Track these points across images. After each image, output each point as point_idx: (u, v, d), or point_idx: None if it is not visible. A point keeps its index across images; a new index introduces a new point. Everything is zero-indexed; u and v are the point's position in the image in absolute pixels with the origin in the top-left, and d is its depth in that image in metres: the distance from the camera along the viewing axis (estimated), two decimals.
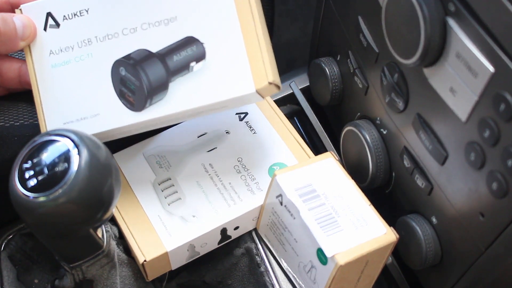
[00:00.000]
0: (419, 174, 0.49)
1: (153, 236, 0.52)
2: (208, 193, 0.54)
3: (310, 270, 0.50)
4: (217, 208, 0.54)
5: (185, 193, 0.54)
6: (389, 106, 0.51)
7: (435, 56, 0.42)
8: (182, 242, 0.52)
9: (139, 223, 0.53)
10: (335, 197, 0.50)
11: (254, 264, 0.56)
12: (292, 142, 0.58)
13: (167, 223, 0.53)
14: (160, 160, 0.56)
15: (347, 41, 0.57)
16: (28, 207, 0.39)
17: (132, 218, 0.53)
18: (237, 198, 0.54)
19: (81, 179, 0.39)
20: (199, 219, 0.53)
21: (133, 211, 0.54)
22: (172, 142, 0.58)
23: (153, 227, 0.53)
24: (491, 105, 0.38)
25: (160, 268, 0.53)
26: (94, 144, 0.41)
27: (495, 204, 0.41)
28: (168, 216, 0.53)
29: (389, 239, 0.48)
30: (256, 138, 0.58)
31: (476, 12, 0.38)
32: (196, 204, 0.54)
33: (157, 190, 0.55)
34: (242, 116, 0.59)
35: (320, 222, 0.48)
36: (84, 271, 0.47)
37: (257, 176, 0.55)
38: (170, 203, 0.54)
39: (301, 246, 0.51)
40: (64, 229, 0.42)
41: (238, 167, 0.56)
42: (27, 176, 0.40)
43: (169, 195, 0.54)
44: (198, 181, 0.55)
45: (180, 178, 0.55)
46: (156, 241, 0.52)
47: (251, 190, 0.54)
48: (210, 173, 0.55)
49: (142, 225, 0.53)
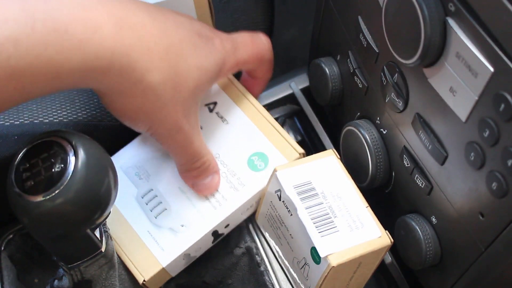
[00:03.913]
0: (419, 174, 0.49)
1: (147, 254, 0.52)
2: (192, 198, 0.54)
3: (304, 267, 0.50)
4: (203, 213, 0.53)
5: (170, 202, 0.54)
6: (389, 106, 0.51)
7: (435, 56, 0.42)
8: (176, 254, 0.52)
9: (130, 242, 0.53)
10: (333, 197, 0.50)
11: (254, 264, 0.56)
12: (267, 128, 0.56)
13: (157, 237, 0.53)
14: (139, 171, 0.55)
15: (347, 41, 0.57)
16: (25, 208, 0.39)
17: (122, 239, 0.53)
18: (222, 198, 0.53)
19: (77, 180, 0.39)
20: (188, 228, 0.53)
21: (123, 231, 0.53)
22: (146, 149, 0.56)
23: (144, 244, 0.52)
24: (491, 105, 0.38)
25: (161, 280, 0.54)
26: (91, 145, 0.41)
27: (495, 204, 0.41)
28: (157, 230, 0.53)
29: (384, 243, 0.48)
30: (229, 129, 0.56)
31: (476, 12, 0.38)
32: (182, 212, 0.53)
33: (141, 204, 0.54)
34: (211, 107, 0.57)
35: (316, 221, 0.48)
36: (83, 272, 0.47)
37: (237, 170, 0.54)
38: (156, 216, 0.53)
39: (296, 242, 0.51)
40: (61, 230, 0.42)
41: None
42: (24, 177, 0.40)
43: (154, 207, 0.54)
44: (180, 187, 0.54)
45: (162, 186, 0.54)
46: (151, 259, 0.52)
47: (234, 187, 0.54)
48: None
49: (134, 244, 0.53)
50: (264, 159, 0.54)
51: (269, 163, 0.54)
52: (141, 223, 0.53)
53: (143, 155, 0.56)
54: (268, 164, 0.54)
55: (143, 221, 0.53)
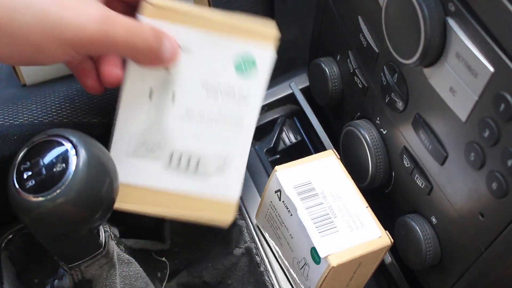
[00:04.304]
0: (418, 174, 0.49)
1: None
2: (211, 130, 0.52)
3: (304, 267, 0.50)
4: (231, 125, 0.52)
5: (198, 150, 0.52)
6: (389, 106, 0.51)
7: (435, 56, 0.42)
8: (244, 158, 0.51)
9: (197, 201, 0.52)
10: (333, 197, 0.50)
11: (254, 264, 0.56)
12: (227, 27, 0.52)
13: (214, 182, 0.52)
14: (147, 146, 0.52)
15: (347, 41, 0.57)
16: (26, 208, 0.39)
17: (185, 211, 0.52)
18: (235, 109, 0.52)
19: (79, 180, 0.39)
20: (230, 155, 0.52)
21: (180, 204, 0.52)
22: (134, 122, 0.53)
23: (210, 195, 0.52)
24: (491, 105, 0.38)
25: None
26: (92, 144, 0.41)
27: (495, 204, 0.41)
28: (207, 178, 0.52)
29: (383, 243, 0.48)
30: (198, 56, 0.52)
31: (476, 12, 0.38)
32: (215, 147, 0.52)
33: (175, 169, 0.52)
34: None
35: (316, 221, 0.49)
36: (83, 271, 0.47)
37: (230, 84, 0.52)
38: (195, 170, 0.52)
39: (296, 242, 0.51)
40: (62, 230, 0.42)
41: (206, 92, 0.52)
42: (25, 176, 0.40)
43: (188, 164, 0.52)
44: (194, 132, 0.52)
45: (179, 142, 0.52)
46: None
47: (236, 100, 0.52)
48: (194, 117, 0.52)
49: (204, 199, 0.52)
50: (249, 59, 0.52)
51: (255, 60, 0.52)
52: (191, 184, 0.52)
53: (136, 129, 0.52)
54: (256, 61, 0.52)
55: (191, 181, 0.52)
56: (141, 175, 0.51)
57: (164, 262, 0.60)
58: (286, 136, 0.70)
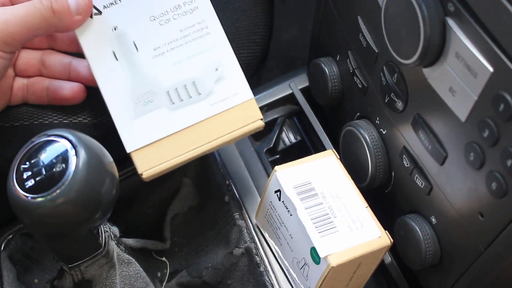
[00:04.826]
0: (418, 174, 0.49)
1: (232, 111, 0.52)
2: (182, 65, 0.52)
3: (303, 267, 0.50)
4: None
5: (187, 77, 0.52)
6: (389, 106, 0.51)
7: (435, 56, 0.42)
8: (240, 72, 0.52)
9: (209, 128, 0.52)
10: (332, 197, 0.50)
11: (254, 264, 0.56)
12: None
13: (220, 95, 0.52)
14: (145, 100, 0.52)
15: (346, 41, 0.57)
16: (26, 208, 0.39)
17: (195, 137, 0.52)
18: None
19: (78, 180, 0.39)
20: (222, 66, 0.53)
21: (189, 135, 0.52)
22: (119, 86, 0.52)
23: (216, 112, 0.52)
24: (490, 105, 0.38)
25: None
26: (92, 145, 0.41)
27: (495, 204, 0.41)
28: (217, 92, 0.52)
29: (383, 243, 0.48)
30: None
31: (476, 12, 0.38)
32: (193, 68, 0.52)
33: (177, 99, 0.52)
34: None
35: (316, 221, 0.49)
36: (83, 271, 0.47)
37: (168, 3, 0.52)
38: (195, 93, 0.52)
39: (296, 242, 0.51)
40: (62, 230, 0.42)
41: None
42: (25, 176, 0.40)
43: (185, 93, 0.53)
44: (176, 73, 0.52)
45: (166, 83, 0.52)
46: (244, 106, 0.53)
47: (188, 14, 0.52)
48: (164, 50, 0.52)
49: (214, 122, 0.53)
50: None
51: None
52: (204, 107, 0.52)
53: (124, 93, 0.52)
54: None
55: (202, 105, 0.52)
56: (156, 128, 0.51)
57: (164, 262, 0.60)
58: (286, 136, 0.70)
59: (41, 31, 0.49)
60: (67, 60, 0.55)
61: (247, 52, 0.68)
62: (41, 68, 0.55)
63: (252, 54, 0.68)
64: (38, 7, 0.48)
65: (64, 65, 0.55)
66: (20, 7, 0.48)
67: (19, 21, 0.48)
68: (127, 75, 0.51)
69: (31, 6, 0.48)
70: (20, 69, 0.55)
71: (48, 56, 0.55)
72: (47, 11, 0.48)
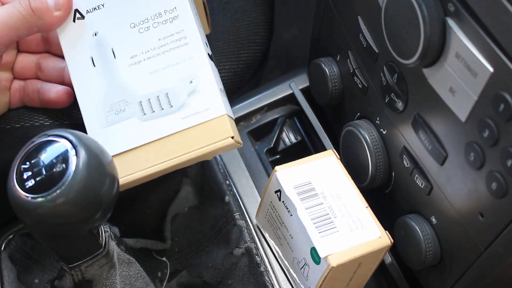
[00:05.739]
0: (418, 174, 0.49)
1: (207, 125, 0.50)
2: (163, 68, 0.51)
3: (303, 267, 0.50)
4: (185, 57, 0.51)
5: (161, 87, 0.51)
6: (389, 106, 0.51)
7: (435, 56, 0.42)
8: (218, 95, 0.51)
9: (183, 139, 0.51)
10: (333, 197, 0.50)
11: (254, 264, 0.56)
12: None
13: (192, 109, 0.51)
14: (117, 108, 0.51)
15: (347, 41, 0.57)
16: (26, 208, 0.39)
17: (174, 147, 0.51)
18: None
19: (79, 180, 0.39)
20: (196, 78, 0.51)
21: (165, 144, 0.51)
22: (93, 93, 0.52)
23: (197, 122, 0.51)
24: (490, 105, 0.38)
25: (234, 128, 0.52)
26: (92, 145, 0.41)
27: (495, 204, 0.41)
28: (185, 108, 0.51)
29: (383, 243, 0.48)
30: None
31: (476, 13, 0.38)
32: (171, 76, 0.51)
33: (149, 110, 0.51)
34: None
35: (316, 221, 0.49)
36: (83, 272, 0.47)
37: (149, 10, 0.52)
38: (172, 102, 0.51)
39: (296, 242, 0.51)
40: (62, 230, 0.42)
41: None
42: (25, 177, 0.40)
43: (158, 102, 0.51)
44: (152, 82, 0.51)
45: (143, 90, 0.51)
46: (214, 122, 0.50)
47: (168, 23, 0.51)
48: (141, 59, 0.52)
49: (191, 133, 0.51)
50: None
51: None
52: (175, 120, 0.51)
53: (97, 99, 0.52)
54: None
55: (173, 118, 0.51)
56: (125, 138, 0.51)
57: (165, 262, 0.60)
58: (286, 136, 0.70)
59: (23, 31, 0.50)
60: (62, 65, 0.55)
61: (248, 52, 0.68)
62: (38, 72, 0.56)
63: (252, 54, 0.68)
64: (17, 7, 0.49)
65: (59, 69, 0.55)
66: (0, 10, 0.49)
67: (0, 24, 0.48)
68: (103, 82, 0.51)
69: (10, 7, 0.49)
70: (17, 72, 0.56)
71: (44, 60, 0.56)
72: (26, 10, 0.49)
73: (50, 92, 0.54)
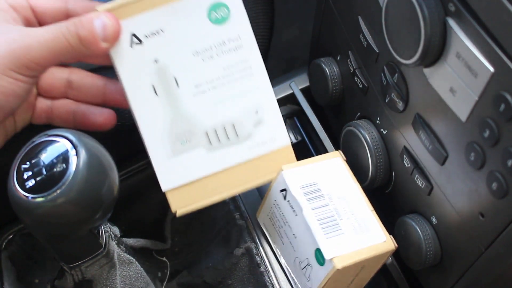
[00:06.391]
0: (419, 174, 0.49)
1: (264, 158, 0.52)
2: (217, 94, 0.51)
3: (306, 268, 0.50)
4: None
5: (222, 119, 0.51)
6: (389, 106, 0.51)
7: (435, 56, 0.42)
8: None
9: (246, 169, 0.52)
10: (339, 199, 0.50)
11: (254, 264, 0.56)
12: None
13: (255, 140, 0.52)
14: (183, 138, 0.50)
15: (347, 41, 0.57)
16: (26, 208, 0.39)
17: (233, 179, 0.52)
18: None
19: (79, 180, 0.39)
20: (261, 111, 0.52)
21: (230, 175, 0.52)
22: (157, 123, 0.51)
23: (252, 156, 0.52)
24: (491, 105, 0.38)
25: None
26: (92, 144, 0.41)
27: (495, 204, 0.41)
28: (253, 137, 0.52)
29: (388, 248, 0.48)
30: None
31: (476, 12, 0.38)
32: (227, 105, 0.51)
33: (214, 143, 0.51)
34: None
35: (322, 223, 0.48)
36: (84, 271, 0.47)
37: (212, 39, 0.50)
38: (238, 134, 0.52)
39: (299, 242, 0.51)
40: (62, 230, 0.42)
41: None
42: (25, 176, 0.40)
43: (225, 134, 0.52)
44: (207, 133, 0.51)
45: (207, 124, 0.51)
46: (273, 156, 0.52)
47: (232, 52, 0.51)
48: (205, 88, 0.51)
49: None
50: (218, 5, 0.50)
51: (224, 3, 0.50)
52: (241, 151, 0.51)
53: (162, 129, 0.50)
54: (225, 3, 0.50)
55: (240, 148, 0.51)
56: (192, 169, 0.50)
57: (165, 261, 0.60)
58: None
59: (66, 57, 0.47)
60: (101, 83, 0.52)
61: None
62: (68, 90, 0.52)
63: None
64: (64, 32, 0.45)
65: (98, 88, 0.52)
66: (45, 31, 0.46)
67: (43, 46, 0.45)
68: (166, 111, 0.50)
69: (56, 31, 0.46)
70: (43, 89, 0.51)
71: (76, 77, 0.52)
72: (73, 38, 0.46)
73: (94, 115, 0.51)
